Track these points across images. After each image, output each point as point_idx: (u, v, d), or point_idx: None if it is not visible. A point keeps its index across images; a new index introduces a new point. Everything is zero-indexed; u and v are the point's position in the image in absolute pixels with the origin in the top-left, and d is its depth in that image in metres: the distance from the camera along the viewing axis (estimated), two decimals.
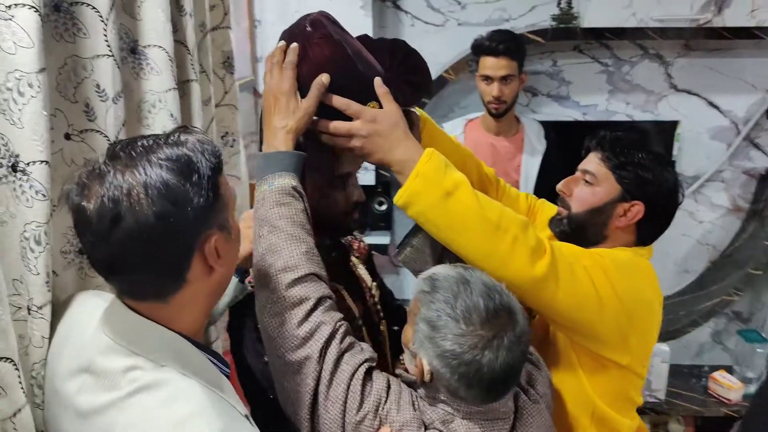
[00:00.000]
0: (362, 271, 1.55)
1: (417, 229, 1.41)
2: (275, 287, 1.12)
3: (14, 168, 1.00)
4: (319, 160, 1.28)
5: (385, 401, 1.11)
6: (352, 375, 1.10)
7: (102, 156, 0.92)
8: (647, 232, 1.54)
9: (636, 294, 1.41)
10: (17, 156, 1.00)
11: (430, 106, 3.18)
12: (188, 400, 0.91)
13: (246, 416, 1.00)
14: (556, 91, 3.25)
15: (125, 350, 0.95)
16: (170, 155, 0.91)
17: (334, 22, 1.28)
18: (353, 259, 1.56)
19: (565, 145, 3.18)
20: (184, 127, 0.99)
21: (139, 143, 0.93)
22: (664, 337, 3.22)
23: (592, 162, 1.53)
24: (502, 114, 2.72)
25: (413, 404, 1.13)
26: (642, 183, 1.47)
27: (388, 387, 1.13)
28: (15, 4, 0.96)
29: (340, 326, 1.14)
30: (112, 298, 1.01)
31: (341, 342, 1.12)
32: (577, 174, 1.57)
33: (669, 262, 3.44)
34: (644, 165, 1.48)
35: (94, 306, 1.06)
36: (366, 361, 1.13)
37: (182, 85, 1.47)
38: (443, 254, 1.38)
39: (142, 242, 0.88)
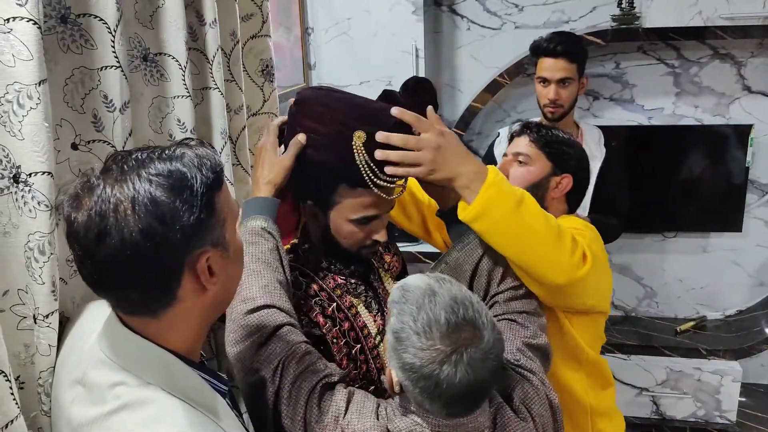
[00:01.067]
0: (389, 285, 1.51)
1: (452, 250, 1.40)
2: (235, 318, 1.20)
3: (16, 179, 1.01)
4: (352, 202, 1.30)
5: (345, 412, 1.12)
6: (311, 392, 1.13)
7: (98, 168, 0.91)
8: (574, 201, 1.76)
9: (600, 247, 1.57)
10: (19, 167, 1.00)
11: (485, 110, 3.11)
12: (168, 423, 0.88)
13: None
14: (619, 94, 3.12)
15: (114, 365, 0.93)
16: (162, 170, 0.88)
17: (320, 88, 1.40)
18: (381, 272, 1.51)
19: (629, 151, 3.08)
20: (187, 140, 0.97)
21: (134, 156, 0.90)
22: (736, 354, 3.03)
23: (522, 145, 1.72)
24: (558, 118, 2.60)
25: (377, 413, 1.13)
26: (567, 157, 1.71)
27: (349, 399, 1.14)
28: (13, 18, 0.96)
29: (296, 349, 1.16)
30: (111, 311, 1.00)
31: (299, 363, 1.15)
32: (508, 158, 1.74)
33: (743, 274, 3.25)
34: (566, 142, 1.73)
35: (101, 316, 1.05)
36: (325, 377, 1.15)
37: (200, 92, 1.48)
38: (476, 271, 1.35)
39: (128, 259, 0.85)
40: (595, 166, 2.64)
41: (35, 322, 1.05)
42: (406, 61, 2.86)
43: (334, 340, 1.32)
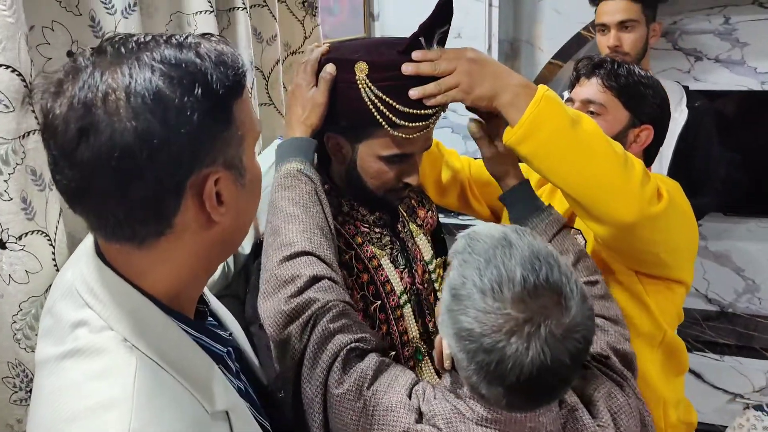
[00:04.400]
0: (421, 240, 1.35)
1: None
2: (270, 267, 1.08)
3: None
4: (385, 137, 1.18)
5: (372, 382, 0.96)
6: (336, 354, 0.98)
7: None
8: (652, 154, 1.53)
9: (685, 200, 1.36)
10: None
11: (567, 69, 2.78)
12: (115, 381, 0.72)
13: (225, 412, 0.80)
14: (727, 54, 2.76)
15: (81, 301, 0.78)
16: (169, 57, 0.70)
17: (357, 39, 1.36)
18: (412, 226, 1.35)
19: (737, 120, 2.73)
20: (207, 34, 0.78)
21: (135, 38, 0.73)
22: None
23: (593, 90, 1.46)
24: None
25: (411, 391, 0.95)
26: (647, 104, 1.46)
27: (380, 369, 0.98)
28: None
29: (333, 306, 1.02)
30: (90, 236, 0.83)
31: (331, 321, 1.00)
32: (576, 106, 1.46)
33: None
34: (644, 82, 1.46)
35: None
36: (358, 341, 1.00)
37: (226, 14, 1.37)
38: None
39: (115, 165, 0.68)
40: (673, 131, 2.28)
41: (4, 248, 0.92)
42: (477, 11, 2.60)
43: (349, 292, 1.16)
